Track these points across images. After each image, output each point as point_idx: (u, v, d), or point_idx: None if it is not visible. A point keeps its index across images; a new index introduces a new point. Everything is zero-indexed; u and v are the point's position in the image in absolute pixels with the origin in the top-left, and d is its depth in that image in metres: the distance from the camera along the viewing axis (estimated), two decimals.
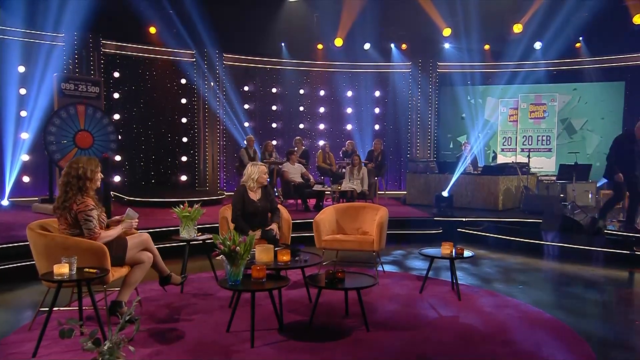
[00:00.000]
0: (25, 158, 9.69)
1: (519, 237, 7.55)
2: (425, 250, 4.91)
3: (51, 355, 3.34)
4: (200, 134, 11.78)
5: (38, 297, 3.89)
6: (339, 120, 13.03)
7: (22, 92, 9.65)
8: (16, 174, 9.45)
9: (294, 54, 12.45)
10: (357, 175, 8.97)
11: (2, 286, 5.09)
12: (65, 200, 3.82)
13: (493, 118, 13.09)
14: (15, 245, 5.58)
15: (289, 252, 4.15)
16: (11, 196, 9.37)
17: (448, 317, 4.28)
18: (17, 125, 9.50)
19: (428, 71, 12.86)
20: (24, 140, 9.58)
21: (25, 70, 9.69)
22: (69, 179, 3.87)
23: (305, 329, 3.90)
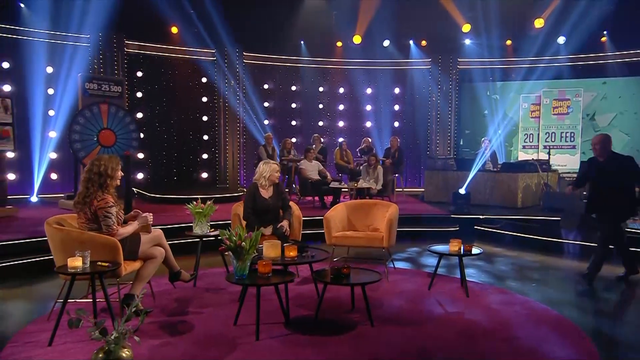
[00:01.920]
0: (53, 156, 10.02)
1: (537, 235, 7.45)
2: (434, 247, 4.91)
3: (65, 345, 3.49)
4: (221, 131, 11.96)
5: (58, 290, 4.05)
6: (358, 118, 13.04)
7: (50, 92, 9.98)
8: (44, 172, 9.79)
9: (313, 52, 12.52)
10: (372, 173, 8.99)
11: (26, 279, 5.33)
12: (86, 196, 3.97)
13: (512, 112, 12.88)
14: (39, 240, 5.79)
15: (296, 247, 4.22)
16: (40, 193, 9.72)
17: (453, 313, 4.29)
18: (45, 124, 9.84)
19: (448, 68, 12.75)
20: (51, 138, 9.92)
21: (53, 70, 10.01)
22: (91, 175, 4.02)
23: (310, 324, 3.97)
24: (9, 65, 9.60)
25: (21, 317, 4.31)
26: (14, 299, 4.83)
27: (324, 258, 4.43)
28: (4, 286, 5.13)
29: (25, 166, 9.69)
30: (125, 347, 2.85)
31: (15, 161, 9.44)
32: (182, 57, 11.65)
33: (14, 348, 3.46)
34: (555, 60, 12.08)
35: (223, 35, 11.21)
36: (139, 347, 3.31)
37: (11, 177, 9.37)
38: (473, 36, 12.26)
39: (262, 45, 12.08)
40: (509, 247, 7.30)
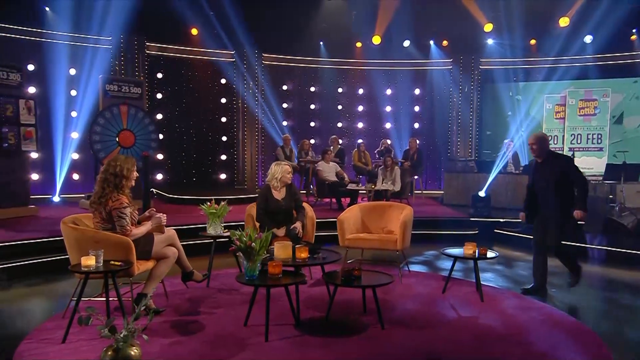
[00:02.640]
0: (75, 156, 10.26)
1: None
2: (448, 250, 4.88)
3: (79, 342, 3.58)
4: (239, 133, 12.08)
5: (76, 288, 4.14)
6: (378, 119, 13.00)
7: (72, 94, 10.22)
8: (66, 172, 10.03)
9: (332, 53, 12.54)
10: (389, 175, 8.96)
11: (45, 277, 5.49)
12: (101, 196, 4.07)
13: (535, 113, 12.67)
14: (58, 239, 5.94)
15: (307, 249, 4.24)
16: (62, 193, 9.95)
17: (467, 317, 4.26)
18: (67, 125, 10.08)
19: (469, 68, 12.62)
20: (73, 139, 10.16)
21: (75, 72, 10.25)
22: (107, 176, 4.11)
23: (320, 325, 3.99)
24: (33, 68, 9.87)
25: (38, 314, 4.44)
26: (32, 296, 4.98)
27: (336, 260, 4.44)
28: (24, 284, 5.29)
29: (48, 166, 9.94)
30: (134, 345, 2.92)
31: (38, 162, 9.69)
32: (202, 58, 11.80)
33: (29, 344, 3.56)
34: (581, 59, 11.84)
35: (242, 37, 11.32)
36: (149, 345, 3.38)
37: (35, 177, 9.63)
38: (495, 36, 12.11)
39: (281, 46, 12.15)
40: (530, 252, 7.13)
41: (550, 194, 4.93)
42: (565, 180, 4.87)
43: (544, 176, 4.97)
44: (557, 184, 4.88)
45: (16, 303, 4.73)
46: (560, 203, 4.90)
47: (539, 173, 5.04)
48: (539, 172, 5.03)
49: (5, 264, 5.50)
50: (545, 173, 4.95)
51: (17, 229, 6.63)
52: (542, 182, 4.99)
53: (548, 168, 4.94)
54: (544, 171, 4.98)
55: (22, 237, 6.11)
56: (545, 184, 4.95)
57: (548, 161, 4.98)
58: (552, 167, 4.92)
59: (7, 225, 6.83)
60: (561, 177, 4.87)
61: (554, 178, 4.87)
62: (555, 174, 4.88)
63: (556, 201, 4.91)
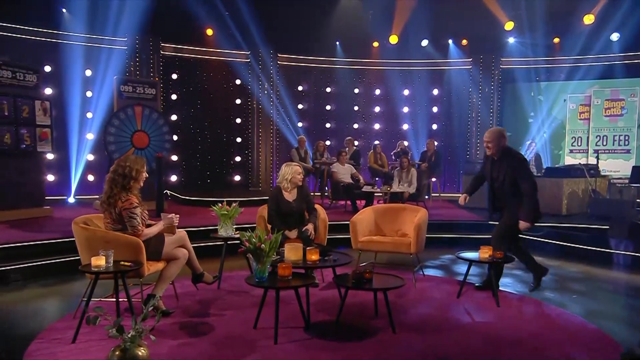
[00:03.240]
0: (90, 157, 10.46)
1: (583, 245, 7.21)
2: (463, 254, 4.85)
3: (88, 342, 3.66)
4: (254, 134, 12.17)
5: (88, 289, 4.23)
6: (395, 120, 12.98)
7: (88, 95, 10.42)
8: (81, 173, 10.22)
9: (348, 53, 12.57)
10: (406, 177, 8.93)
11: (58, 277, 5.60)
12: (110, 197, 4.13)
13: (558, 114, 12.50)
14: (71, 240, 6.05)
15: (317, 251, 4.26)
16: (77, 194, 10.15)
17: (481, 322, 4.23)
18: (82, 126, 10.28)
19: (490, 67, 12.52)
20: (89, 140, 10.35)
21: (91, 73, 10.45)
22: (115, 176, 4.17)
23: (331, 329, 4.00)
24: (50, 69, 10.09)
25: (51, 314, 4.53)
26: (46, 297, 5.09)
27: (347, 262, 4.45)
28: (38, 284, 5.41)
29: (63, 167, 10.15)
30: (141, 346, 2.97)
31: (53, 163, 9.91)
32: (217, 59, 11.93)
33: (40, 344, 3.64)
34: (607, 57, 11.67)
35: (257, 37, 11.41)
36: (158, 346, 3.44)
37: (50, 178, 9.84)
38: (516, 34, 12.00)
39: (297, 47, 12.21)
40: (552, 257, 7.10)
41: (505, 192, 4.82)
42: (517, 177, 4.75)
43: (499, 174, 4.85)
44: (511, 183, 4.77)
45: (30, 303, 4.84)
46: (513, 205, 4.79)
47: (495, 170, 4.91)
48: (495, 169, 4.90)
49: (20, 264, 5.63)
50: (500, 171, 4.83)
51: (31, 229, 6.78)
52: (497, 181, 4.88)
53: (502, 165, 4.82)
54: (499, 168, 4.84)
55: (36, 238, 6.25)
56: (500, 183, 4.84)
57: (502, 159, 4.85)
58: (505, 165, 4.80)
59: (22, 225, 7.00)
60: (511, 177, 4.76)
61: (508, 177, 4.77)
62: (507, 173, 4.77)
63: (511, 202, 4.80)
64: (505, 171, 4.79)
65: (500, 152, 4.86)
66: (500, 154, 4.86)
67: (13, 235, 6.36)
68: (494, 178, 4.94)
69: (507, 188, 4.81)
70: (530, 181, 4.78)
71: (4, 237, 6.22)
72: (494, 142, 4.82)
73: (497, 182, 4.90)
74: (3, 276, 5.46)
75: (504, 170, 4.81)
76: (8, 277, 5.50)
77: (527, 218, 4.75)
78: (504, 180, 4.80)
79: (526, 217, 4.75)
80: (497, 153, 4.87)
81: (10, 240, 6.04)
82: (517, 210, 4.81)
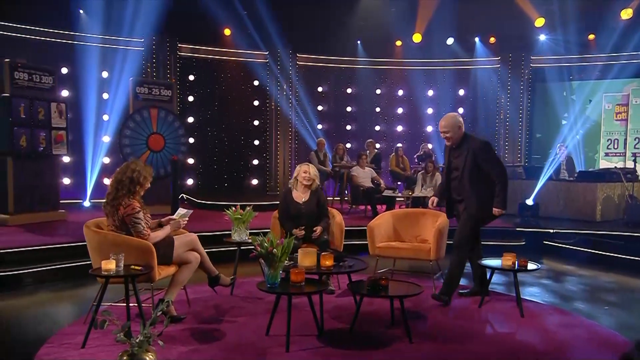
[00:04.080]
0: (106, 160, 10.67)
1: (618, 253, 7.08)
2: (485, 261, 4.81)
3: (98, 347, 3.74)
4: (272, 136, 12.27)
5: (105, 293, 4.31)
6: (419, 122, 12.93)
7: (104, 97, 10.65)
8: (97, 176, 10.43)
9: (370, 52, 12.57)
10: (430, 181, 8.88)
11: (72, 281, 5.74)
12: (114, 199, 4.20)
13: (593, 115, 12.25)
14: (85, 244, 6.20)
15: (332, 256, 4.27)
16: (92, 197, 10.34)
17: (503, 333, 4.20)
18: (98, 129, 10.50)
19: (519, 66, 12.37)
20: (104, 143, 10.57)
21: (108, 75, 10.68)
22: (123, 178, 4.23)
23: (345, 337, 4.01)
24: (66, 71, 10.35)
25: (62, 319, 4.64)
26: (58, 301, 5.22)
27: (362, 268, 4.45)
28: (50, 289, 5.54)
29: (79, 170, 10.38)
30: (149, 351, 3.02)
31: (69, 165, 10.15)
32: (235, 59, 12.07)
33: (50, 349, 3.74)
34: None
35: (275, 37, 11.51)
36: (167, 352, 3.50)
37: (66, 181, 10.08)
38: (548, 31, 11.84)
39: (316, 46, 12.27)
40: (583, 266, 6.99)
41: (464, 184, 4.61)
42: (480, 167, 4.54)
43: (458, 162, 4.63)
44: (471, 171, 4.55)
45: (41, 307, 4.97)
46: (476, 196, 4.60)
47: (454, 158, 4.70)
48: (454, 157, 4.69)
49: (33, 268, 5.78)
50: (459, 157, 4.60)
51: (45, 233, 6.96)
52: (457, 170, 4.66)
53: (462, 151, 4.59)
54: (459, 155, 4.62)
55: (50, 242, 6.40)
56: (460, 172, 4.63)
57: (462, 144, 4.62)
58: (465, 151, 4.57)
59: (36, 229, 7.18)
60: (474, 164, 4.53)
61: (468, 163, 4.54)
62: (467, 158, 4.54)
63: (472, 193, 4.60)
64: (465, 157, 4.57)
65: (460, 138, 4.64)
66: (460, 140, 4.65)
67: (27, 239, 6.54)
68: (454, 167, 4.72)
69: (467, 177, 4.58)
70: (501, 166, 4.64)
71: (18, 240, 6.40)
72: (452, 129, 4.60)
73: (457, 170, 4.67)
74: (16, 280, 5.63)
75: (463, 156, 4.58)
76: (21, 281, 5.66)
77: (503, 205, 4.61)
78: (464, 167, 4.57)
79: (502, 205, 4.60)
80: (457, 140, 4.64)
81: (24, 244, 6.20)
82: (481, 201, 4.61)
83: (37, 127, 7.89)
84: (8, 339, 4.25)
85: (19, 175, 7.67)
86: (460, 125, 4.61)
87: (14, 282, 5.58)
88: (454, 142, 4.66)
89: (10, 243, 6.18)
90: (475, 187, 4.63)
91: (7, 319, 4.71)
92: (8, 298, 5.22)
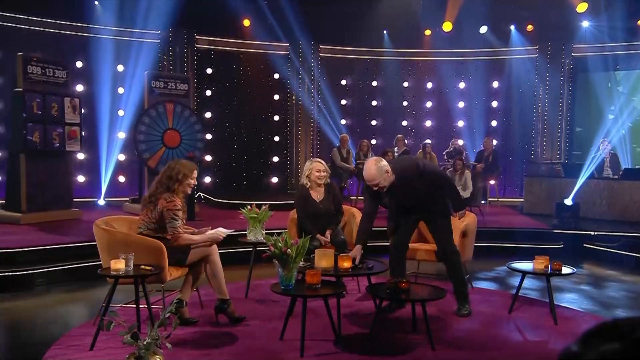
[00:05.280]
0: (122, 158, 10.87)
1: None
2: (516, 264, 4.76)
3: (107, 350, 3.83)
4: (293, 132, 12.31)
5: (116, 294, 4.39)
6: (449, 116, 12.80)
7: (120, 91, 10.83)
8: (111, 174, 10.64)
9: (397, 43, 12.48)
10: (459, 180, 8.79)
11: (84, 282, 5.85)
12: (152, 195, 4.35)
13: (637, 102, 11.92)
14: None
15: (350, 258, 4.28)
16: (107, 196, 10.56)
17: (534, 341, 4.16)
18: (112, 124, 10.69)
19: (559, 56, 12.14)
20: (120, 139, 10.76)
21: (123, 69, 10.86)
22: (163, 178, 4.40)
23: (363, 342, 4.03)
24: (81, 65, 10.58)
25: (72, 320, 4.77)
26: (69, 302, 5.38)
27: (382, 270, 4.46)
28: (62, 289, 5.70)
29: (93, 168, 10.59)
30: (157, 354, 3.08)
31: (83, 163, 10.37)
32: (254, 51, 12.14)
33: (58, 350, 3.85)
34: None
35: (297, 28, 11.53)
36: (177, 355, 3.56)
37: (80, 179, 10.31)
38: (591, 17, 11.58)
39: (340, 37, 12.23)
40: (628, 271, 6.87)
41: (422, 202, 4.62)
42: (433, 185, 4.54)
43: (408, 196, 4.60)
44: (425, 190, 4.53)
45: (52, 308, 5.11)
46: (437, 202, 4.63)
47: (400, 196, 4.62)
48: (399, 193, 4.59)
49: (45, 268, 5.93)
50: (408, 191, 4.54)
51: (58, 232, 7.13)
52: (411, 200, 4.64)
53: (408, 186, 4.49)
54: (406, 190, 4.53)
55: (62, 241, 6.57)
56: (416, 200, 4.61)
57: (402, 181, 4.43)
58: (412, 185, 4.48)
59: (49, 228, 7.36)
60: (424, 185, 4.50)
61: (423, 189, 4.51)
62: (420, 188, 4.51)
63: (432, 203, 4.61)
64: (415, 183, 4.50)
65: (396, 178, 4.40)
66: (398, 178, 4.41)
67: (39, 238, 6.71)
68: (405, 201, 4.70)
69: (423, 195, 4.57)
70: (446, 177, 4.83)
71: (30, 240, 6.57)
72: (380, 178, 4.33)
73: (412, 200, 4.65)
74: (28, 280, 5.78)
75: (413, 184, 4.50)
76: (33, 282, 5.82)
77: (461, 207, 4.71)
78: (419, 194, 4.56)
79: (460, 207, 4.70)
80: (391, 182, 4.39)
81: (36, 244, 6.37)
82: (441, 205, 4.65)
83: (51, 123, 8.07)
84: (18, 340, 4.39)
85: (32, 173, 7.83)
86: (387, 169, 4.33)
87: (26, 283, 5.73)
88: (388, 185, 4.41)
89: (22, 242, 6.35)
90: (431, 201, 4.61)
91: (18, 319, 4.86)
92: (19, 299, 5.38)
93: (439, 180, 4.59)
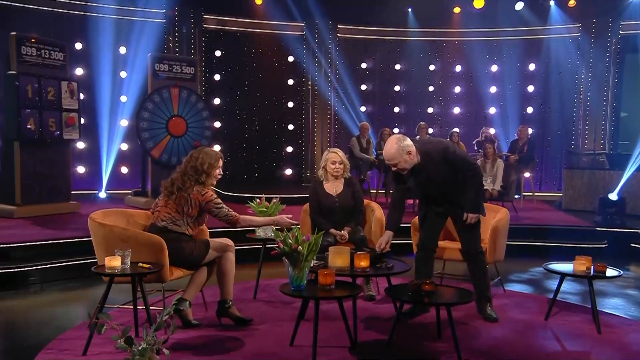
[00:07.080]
0: (124, 147, 10.89)
1: None
2: (553, 266, 4.65)
3: (101, 355, 3.80)
4: (309, 120, 12.28)
5: (115, 294, 4.38)
6: (479, 103, 12.67)
7: (122, 75, 10.83)
8: (113, 164, 10.66)
9: (422, 22, 12.35)
10: (490, 170, 8.62)
11: (81, 280, 5.88)
12: (180, 188, 4.30)
13: None
14: None
15: (368, 256, 4.19)
16: (109, 188, 10.60)
17: (573, 351, 4.06)
18: (113, 111, 10.68)
19: (605, 34, 11.86)
20: (122, 127, 10.77)
21: (126, 51, 10.84)
22: (187, 169, 4.37)
23: (381, 350, 3.96)
24: (81, 46, 10.59)
25: (66, 321, 4.74)
26: (65, 302, 5.39)
27: (404, 271, 4.36)
28: (58, 288, 5.72)
29: (93, 158, 10.62)
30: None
31: (83, 152, 10.40)
32: (267, 32, 12.08)
33: (47, 355, 3.83)
34: None
35: (313, 6, 11.46)
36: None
37: (80, 170, 10.35)
38: None
39: (360, 16, 12.11)
40: None
41: (445, 192, 4.51)
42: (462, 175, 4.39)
43: (432, 181, 4.45)
44: (449, 178, 4.41)
45: (46, 309, 5.12)
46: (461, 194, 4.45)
47: (425, 180, 4.47)
48: (423, 177, 4.45)
49: (40, 266, 5.95)
50: (433, 176, 4.42)
51: (55, 226, 7.15)
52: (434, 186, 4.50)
53: (430, 168, 4.38)
54: (429, 174, 4.41)
55: (59, 236, 6.59)
56: (439, 187, 4.49)
57: (426, 162, 4.36)
58: (434, 166, 4.37)
59: (45, 222, 7.39)
60: (447, 170, 4.38)
61: (443, 175, 4.40)
62: (440, 171, 4.39)
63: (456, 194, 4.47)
64: (436, 171, 4.40)
65: (418, 159, 4.34)
66: (422, 159, 4.35)
67: (34, 233, 6.74)
68: (429, 189, 4.58)
69: (449, 185, 4.46)
70: (477, 168, 4.51)
71: (25, 234, 6.61)
72: (400, 159, 4.25)
73: (438, 189, 4.53)
74: (21, 278, 5.80)
75: (439, 170, 4.40)
76: (27, 279, 5.84)
77: (475, 210, 4.48)
78: (445, 183, 4.45)
79: (474, 209, 4.47)
80: (413, 164, 4.33)
81: (31, 239, 6.40)
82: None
83: (47, 109, 8.08)
84: (8, 343, 4.38)
85: (27, 163, 7.87)
86: (410, 150, 4.26)
87: (20, 280, 5.76)
88: (409, 169, 4.37)
89: (17, 237, 6.38)
90: (455, 190, 4.48)
91: (10, 320, 4.87)
92: (12, 297, 5.41)
93: (468, 170, 4.42)
